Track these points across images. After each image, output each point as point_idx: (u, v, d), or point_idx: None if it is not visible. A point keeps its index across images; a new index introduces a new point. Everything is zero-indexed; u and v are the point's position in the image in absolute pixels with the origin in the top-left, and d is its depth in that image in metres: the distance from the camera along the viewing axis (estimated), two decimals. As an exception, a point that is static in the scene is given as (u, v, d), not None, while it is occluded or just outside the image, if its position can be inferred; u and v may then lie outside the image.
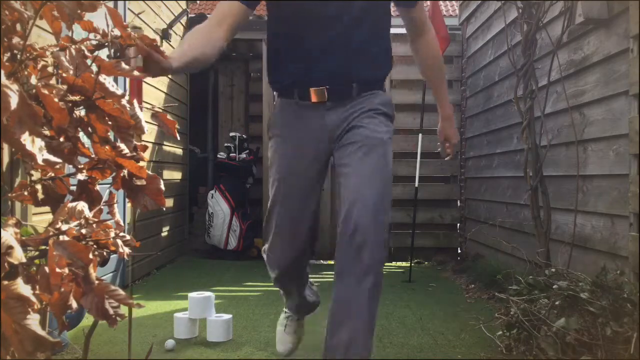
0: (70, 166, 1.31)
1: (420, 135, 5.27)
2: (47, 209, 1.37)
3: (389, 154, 2.00)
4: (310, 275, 2.46)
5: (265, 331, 3.26)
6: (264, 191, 5.69)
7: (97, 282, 1.18)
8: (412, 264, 5.19)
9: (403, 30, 2.20)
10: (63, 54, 1.19)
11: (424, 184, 5.65)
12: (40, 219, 2.56)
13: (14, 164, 1.66)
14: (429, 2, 4.90)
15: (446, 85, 2.36)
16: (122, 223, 1.33)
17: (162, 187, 1.38)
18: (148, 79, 4.53)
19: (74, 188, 1.40)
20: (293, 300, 2.52)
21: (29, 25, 1.21)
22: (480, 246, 5.22)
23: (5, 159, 1.71)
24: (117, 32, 1.37)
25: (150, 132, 4.80)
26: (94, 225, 1.20)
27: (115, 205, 1.41)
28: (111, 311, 1.18)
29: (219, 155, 6.46)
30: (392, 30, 2.15)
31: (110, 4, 1.45)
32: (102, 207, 1.35)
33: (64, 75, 1.22)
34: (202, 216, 6.36)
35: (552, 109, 3.49)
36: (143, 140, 1.37)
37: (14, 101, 1.02)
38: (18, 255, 1.02)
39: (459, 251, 6.10)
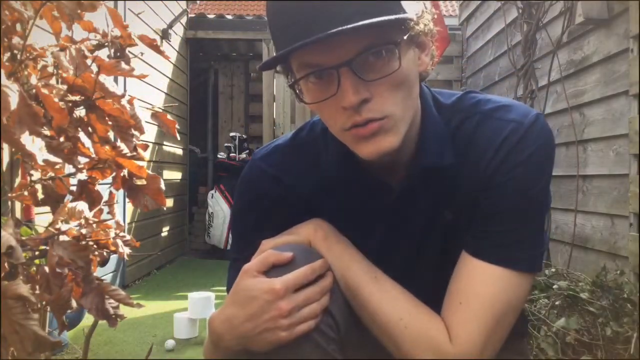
0: (70, 166, 1.31)
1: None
2: (47, 209, 1.37)
3: None
4: None
5: (265, 331, 3.25)
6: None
7: (97, 282, 1.18)
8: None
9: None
10: (63, 54, 1.19)
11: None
12: (41, 219, 2.56)
13: (14, 164, 1.66)
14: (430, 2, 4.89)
15: None
16: (122, 223, 1.33)
17: (163, 187, 1.38)
18: (148, 79, 4.53)
19: (74, 188, 1.40)
20: None
21: (29, 25, 1.21)
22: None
23: (5, 159, 1.71)
24: (117, 32, 1.37)
25: (150, 132, 4.80)
26: (94, 225, 1.20)
27: (115, 205, 1.41)
28: (111, 311, 1.18)
29: (219, 155, 6.46)
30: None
31: (110, 4, 1.46)
32: (102, 207, 1.35)
33: (64, 75, 1.22)
34: (202, 216, 6.35)
35: (552, 109, 3.49)
36: (143, 140, 1.37)
37: (14, 101, 1.02)
38: (18, 256, 1.02)
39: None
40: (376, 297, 0.92)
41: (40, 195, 1.34)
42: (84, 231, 1.17)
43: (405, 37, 0.84)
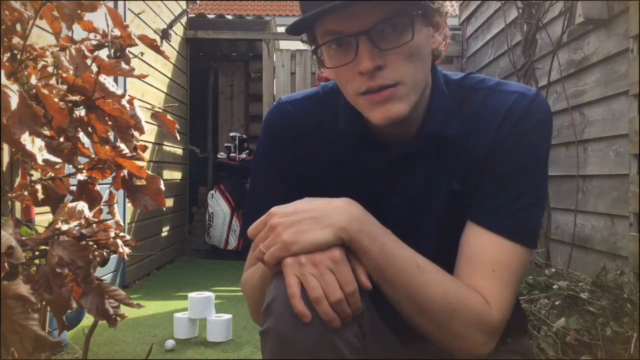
0: (70, 166, 1.31)
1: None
2: (47, 209, 1.37)
3: None
4: None
5: (265, 331, 3.25)
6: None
7: (97, 282, 1.18)
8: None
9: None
10: (63, 54, 1.19)
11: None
12: (41, 219, 2.56)
13: (14, 164, 1.66)
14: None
15: None
16: (122, 223, 1.33)
17: (162, 187, 1.38)
18: (148, 79, 4.53)
19: (74, 188, 1.40)
20: None
21: (29, 25, 1.21)
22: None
23: (5, 159, 1.71)
24: (117, 32, 1.37)
25: (150, 132, 4.80)
26: (94, 226, 1.20)
27: (115, 205, 1.41)
28: (111, 311, 1.18)
29: (219, 155, 6.46)
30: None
31: (110, 4, 1.46)
32: (102, 207, 1.35)
33: (64, 75, 1.23)
34: (202, 216, 6.35)
35: (552, 109, 3.48)
36: (143, 140, 1.37)
37: (14, 101, 1.02)
38: (18, 256, 1.02)
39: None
40: (422, 286, 0.91)
41: (40, 195, 1.34)
42: (84, 231, 1.17)
43: (419, 12, 0.92)
